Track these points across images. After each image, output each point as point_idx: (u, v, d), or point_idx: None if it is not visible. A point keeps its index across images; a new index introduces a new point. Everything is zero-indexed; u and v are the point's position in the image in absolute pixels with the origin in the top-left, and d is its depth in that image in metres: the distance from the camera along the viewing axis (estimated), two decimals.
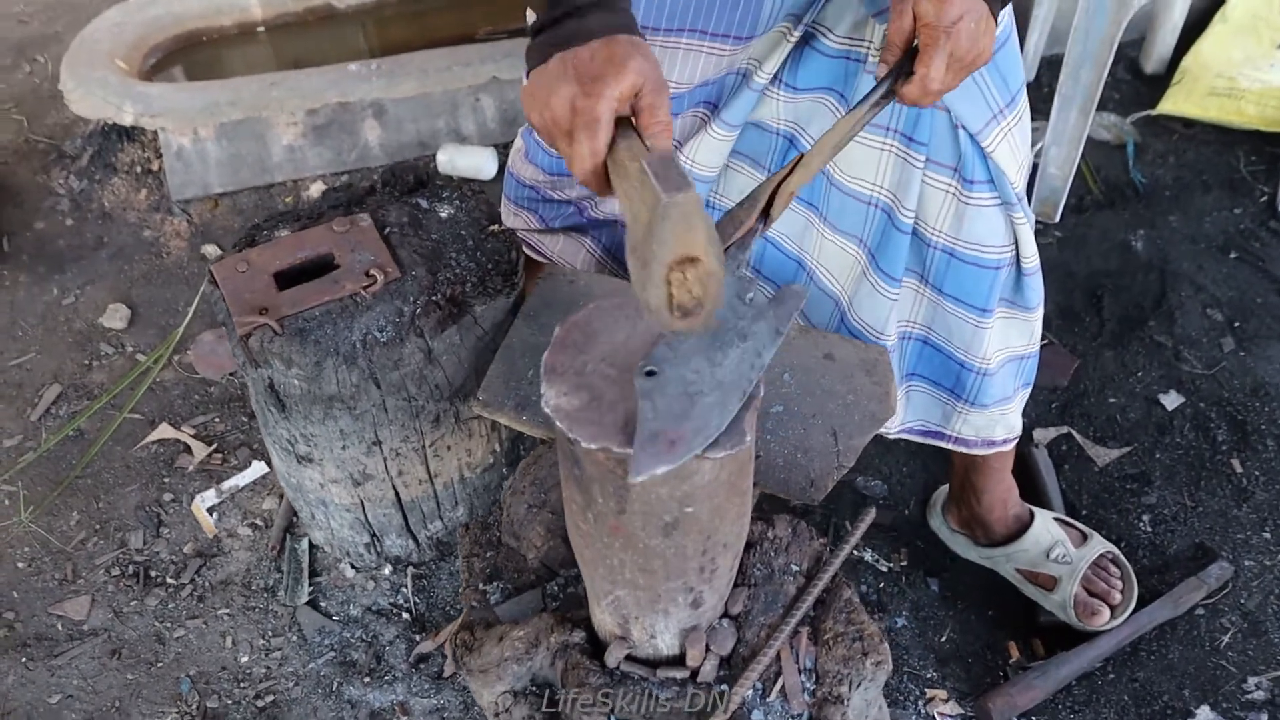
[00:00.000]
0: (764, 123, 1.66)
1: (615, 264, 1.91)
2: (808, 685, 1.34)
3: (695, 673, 1.34)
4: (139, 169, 2.95)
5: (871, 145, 1.53)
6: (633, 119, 1.13)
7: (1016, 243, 1.59)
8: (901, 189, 1.54)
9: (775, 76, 1.57)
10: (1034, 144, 2.79)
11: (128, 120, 2.79)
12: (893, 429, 1.84)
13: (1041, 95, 3.05)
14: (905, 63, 1.30)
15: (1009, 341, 1.71)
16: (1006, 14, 1.44)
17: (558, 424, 1.09)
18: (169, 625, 2.08)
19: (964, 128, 1.45)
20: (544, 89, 1.12)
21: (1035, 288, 1.66)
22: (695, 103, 1.59)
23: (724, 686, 1.33)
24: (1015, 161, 1.52)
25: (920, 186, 1.53)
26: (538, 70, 1.15)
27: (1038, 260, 1.64)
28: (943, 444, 1.84)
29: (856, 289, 1.67)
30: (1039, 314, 1.70)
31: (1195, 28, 3.07)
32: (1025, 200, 1.56)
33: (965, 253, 1.57)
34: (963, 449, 1.82)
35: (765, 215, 1.22)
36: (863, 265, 1.64)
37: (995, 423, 1.78)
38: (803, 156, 1.25)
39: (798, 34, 1.50)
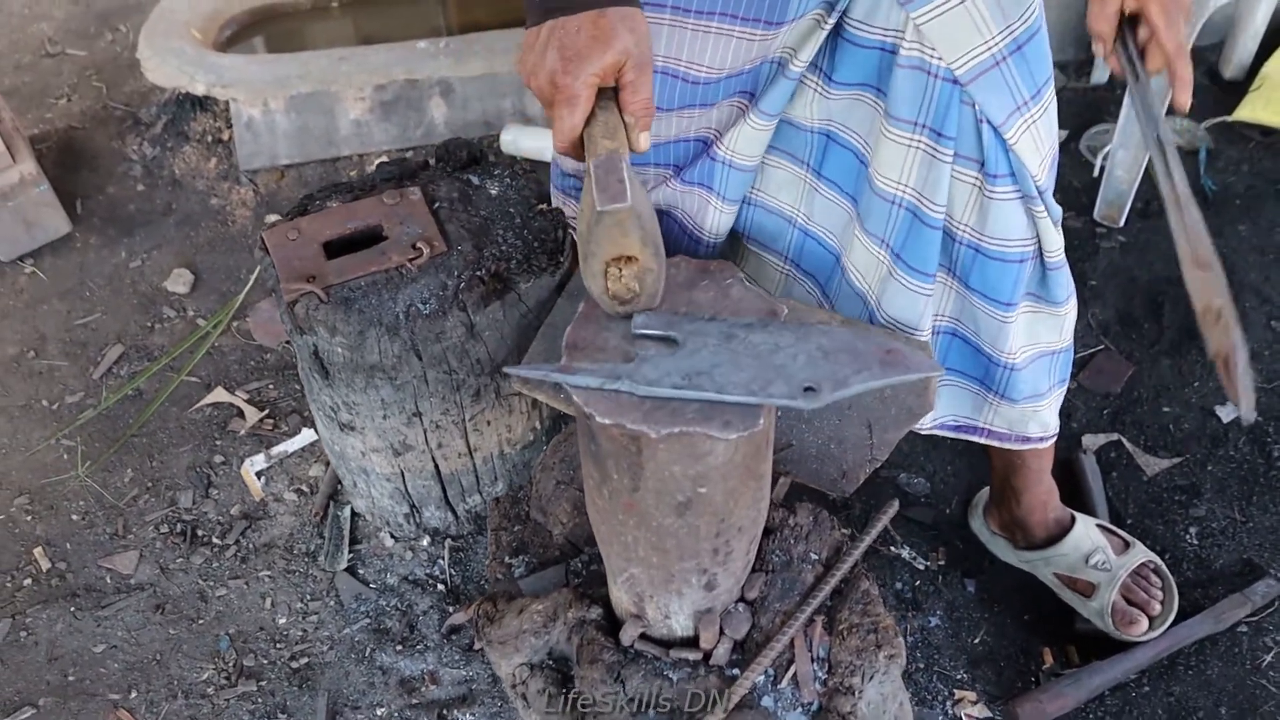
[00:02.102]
0: (797, 121, 1.64)
1: None
2: (820, 674, 1.33)
3: (708, 655, 1.34)
4: (210, 138, 3.02)
5: (899, 142, 1.51)
6: (617, 96, 1.17)
7: (1039, 236, 1.57)
8: (929, 186, 1.51)
9: (814, 65, 1.56)
10: (1103, 147, 2.75)
11: (200, 90, 2.85)
12: (925, 424, 1.82)
13: (1114, 98, 3.00)
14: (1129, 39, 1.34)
15: (1037, 337, 1.68)
16: (1037, 6, 1.43)
17: (575, 398, 1.09)
18: (212, 584, 2.13)
19: (988, 121, 1.43)
20: (533, 56, 1.16)
21: (1062, 282, 1.63)
22: (731, 92, 1.59)
23: (735, 670, 1.33)
24: (1038, 155, 1.50)
25: (950, 182, 1.51)
26: (531, 33, 1.17)
27: (1063, 254, 1.61)
28: (976, 438, 1.81)
29: (884, 288, 1.66)
30: (1068, 309, 1.67)
31: (1278, 34, 2.99)
32: (1050, 194, 1.54)
33: (990, 248, 1.54)
34: (996, 443, 1.80)
35: None
36: (887, 266, 1.62)
37: (1028, 419, 1.75)
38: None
39: (832, 21, 1.49)
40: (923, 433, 1.84)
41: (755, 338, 1.12)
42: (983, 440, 1.82)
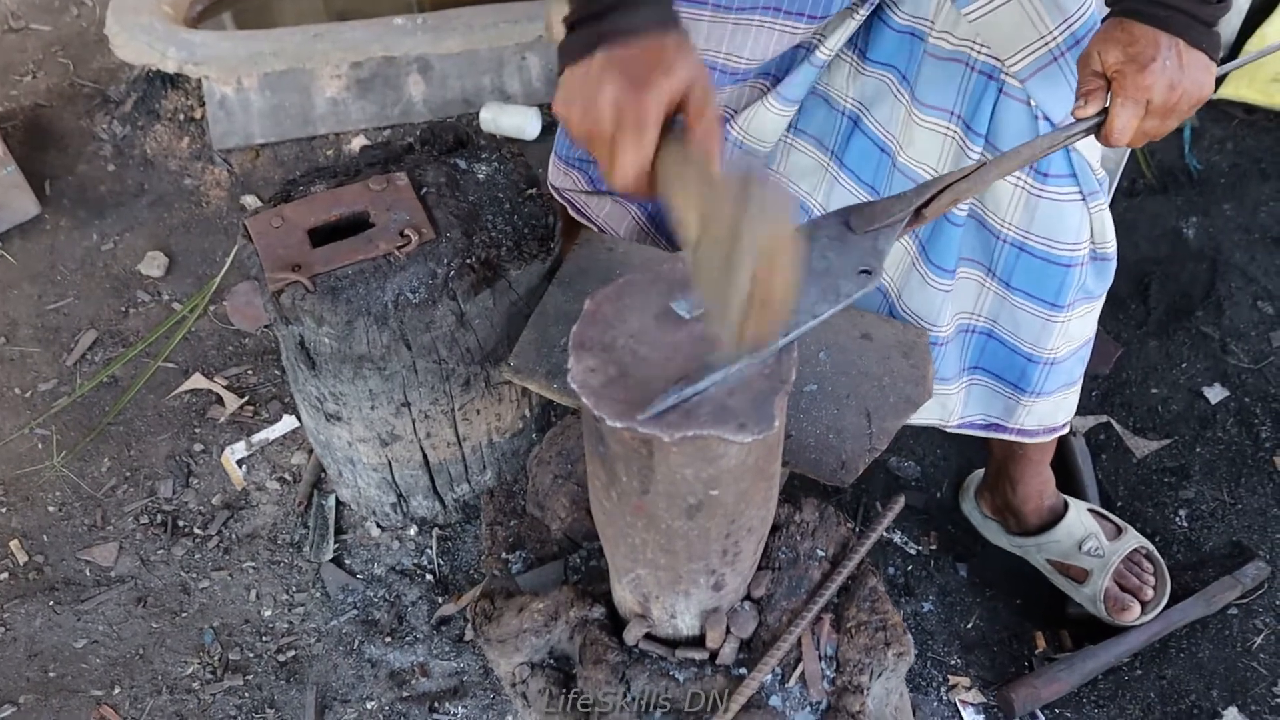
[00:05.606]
0: (832, 97, 1.62)
1: (658, 232, 1.88)
2: (828, 673, 1.32)
3: (714, 655, 1.32)
4: (182, 116, 2.95)
5: (935, 129, 1.48)
6: (684, 125, 1.05)
7: (1092, 234, 1.53)
8: None
9: (851, 43, 1.54)
10: None
11: (171, 67, 2.78)
12: (951, 423, 1.79)
13: None
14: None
15: (1085, 331, 1.67)
16: None
17: (583, 400, 1.06)
18: (194, 576, 2.09)
19: (1047, 119, 1.40)
20: (586, 88, 1.03)
21: (1110, 272, 1.61)
22: (757, 74, 1.56)
23: (742, 670, 1.31)
24: (1098, 150, 1.47)
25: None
26: (578, 67, 1.04)
27: (1114, 245, 1.58)
28: (1006, 436, 1.79)
29: (906, 280, 1.63)
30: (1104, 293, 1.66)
31: (1262, 11, 2.98)
32: (1107, 183, 1.52)
33: (1035, 247, 1.51)
34: (1025, 439, 1.78)
35: (919, 212, 1.18)
36: (913, 256, 1.60)
37: (1058, 407, 1.73)
38: (982, 165, 1.20)
39: (863, 13, 1.47)
40: (949, 431, 1.81)
41: None
42: (1011, 438, 1.79)
